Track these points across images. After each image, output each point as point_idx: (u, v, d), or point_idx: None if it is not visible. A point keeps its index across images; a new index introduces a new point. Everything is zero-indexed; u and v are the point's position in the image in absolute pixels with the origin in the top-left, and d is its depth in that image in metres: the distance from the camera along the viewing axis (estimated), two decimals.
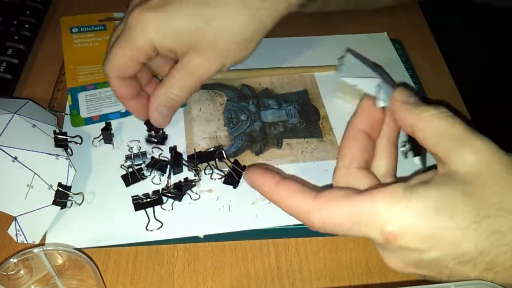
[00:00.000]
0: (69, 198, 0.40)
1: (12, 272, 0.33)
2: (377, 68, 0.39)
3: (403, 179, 0.31)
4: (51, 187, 0.39)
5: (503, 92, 0.68)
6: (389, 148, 0.35)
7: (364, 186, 0.31)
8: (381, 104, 0.35)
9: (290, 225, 0.41)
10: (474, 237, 0.26)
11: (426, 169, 0.37)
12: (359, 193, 0.28)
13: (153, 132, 0.45)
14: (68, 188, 0.40)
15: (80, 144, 0.45)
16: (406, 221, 0.26)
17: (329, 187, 0.40)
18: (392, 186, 0.28)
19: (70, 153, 0.43)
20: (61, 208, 0.39)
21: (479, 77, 0.71)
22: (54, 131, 0.42)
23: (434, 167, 0.31)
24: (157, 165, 0.43)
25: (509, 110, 0.70)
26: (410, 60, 0.57)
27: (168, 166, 0.43)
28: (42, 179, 0.38)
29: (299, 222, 0.41)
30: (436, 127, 0.29)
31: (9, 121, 0.39)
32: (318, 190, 0.31)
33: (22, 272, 0.34)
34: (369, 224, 0.27)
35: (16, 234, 0.38)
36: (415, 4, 0.65)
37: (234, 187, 0.43)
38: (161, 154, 0.45)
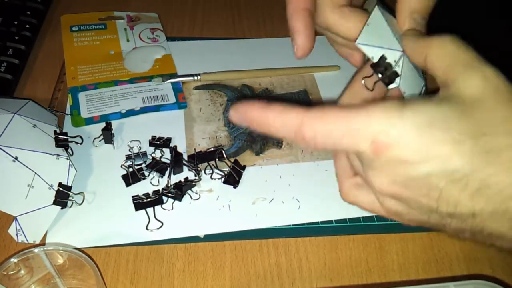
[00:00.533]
0: (70, 198, 0.40)
1: (12, 272, 0.33)
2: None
3: None
4: (52, 187, 0.39)
5: None
6: None
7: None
8: (393, 85, 0.31)
9: (290, 225, 0.41)
10: (469, 153, 0.24)
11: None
12: (353, 107, 0.26)
13: (157, 136, 0.46)
14: (69, 188, 0.40)
15: (80, 144, 0.45)
16: (398, 132, 0.25)
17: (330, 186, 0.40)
18: (387, 101, 0.26)
19: (71, 153, 0.43)
20: (62, 208, 0.40)
21: None
22: (55, 131, 0.42)
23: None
24: (157, 166, 0.43)
25: None
26: None
27: (168, 166, 0.44)
28: (43, 179, 0.39)
29: (299, 222, 0.41)
30: (447, 51, 0.27)
31: (9, 121, 0.40)
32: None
33: (22, 271, 0.34)
34: (361, 134, 0.26)
35: (17, 234, 0.38)
36: None
37: (234, 187, 0.43)
38: (162, 156, 0.45)
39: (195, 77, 0.52)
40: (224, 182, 0.43)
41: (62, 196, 0.39)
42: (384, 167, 0.26)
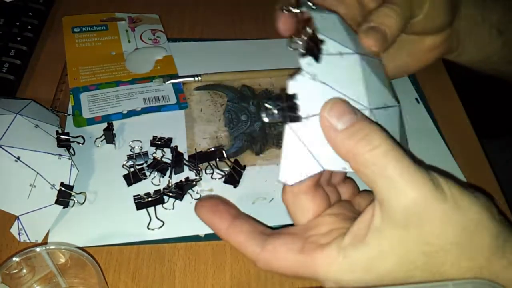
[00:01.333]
0: (72, 197, 0.40)
1: (14, 271, 0.33)
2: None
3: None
4: (54, 186, 0.39)
5: (502, 90, 0.68)
6: None
7: (310, 215, 0.32)
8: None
9: (290, 225, 0.41)
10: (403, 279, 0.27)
11: None
12: (301, 251, 0.30)
13: (158, 136, 0.46)
14: (71, 187, 0.40)
15: (82, 144, 0.45)
16: (340, 282, 0.28)
17: None
18: (327, 249, 0.29)
19: (73, 153, 0.43)
20: (64, 208, 0.40)
21: (483, 89, 0.71)
22: (57, 131, 0.42)
23: None
24: (158, 166, 0.44)
25: (508, 108, 0.70)
26: None
27: (169, 166, 0.44)
28: (45, 179, 0.39)
29: None
30: (368, 173, 0.27)
31: (12, 122, 0.40)
32: (267, 232, 0.32)
33: (24, 271, 0.34)
34: (310, 277, 0.30)
35: (19, 233, 0.38)
36: None
37: (235, 187, 0.43)
38: (163, 156, 0.45)
39: (196, 78, 0.52)
40: (225, 182, 0.43)
41: (64, 196, 0.39)
42: None
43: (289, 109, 0.29)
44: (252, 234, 0.31)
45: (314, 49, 0.30)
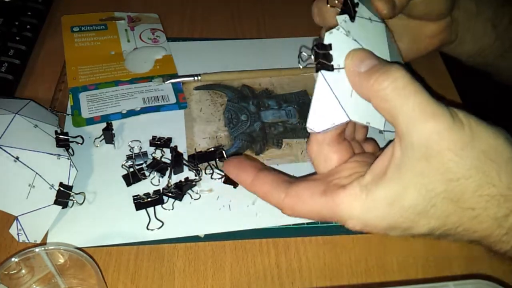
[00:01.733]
0: (71, 197, 0.40)
1: (13, 272, 0.33)
2: None
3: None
4: (53, 186, 0.39)
5: (505, 95, 0.68)
6: None
7: (333, 164, 0.33)
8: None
9: (290, 225, 0.41)
10: (425, 223, 0.28)
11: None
12: (323, 193, 0.31)
13: (157, 136, 0.46)
14: (70, 188, 0.40)
15: (81, 144, 0.45)
16: (363, 219, 0.29)
17: None
18: (350, 188, 0.30)
19: (72, 153, 0.43)
20: (63, 208, 0.40)
21: (479, 78, 0.71)
22: (56, 131, 0.42)
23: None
24: (158, 166, 0.43)
25: (509, 108, 0.70)
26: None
27: (169, 166, 0.44)
28: (44, 179, 0.39)
29: (299, 222, 0.41)
30: (389, 107, 0.28)
31: (10, 121, 0.40)
32: (290, 180, 0.33)
33: (23, 271, 0.34)
34: (333, 219, 0.31)
35: (18, 234, 0.38)
36: None
37: (235, 187, 0.43)
38: (162, 156, 0.45)
39: (196, 78, 0.52)
40: (225, 182, 0.43)
41: (63, 196, 0.39)
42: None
43: (323, 56, 0.30)
44: (276, 182, 0.33)
45: (350, 10, 0.32)
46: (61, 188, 0.39)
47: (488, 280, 0.31)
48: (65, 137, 0.42)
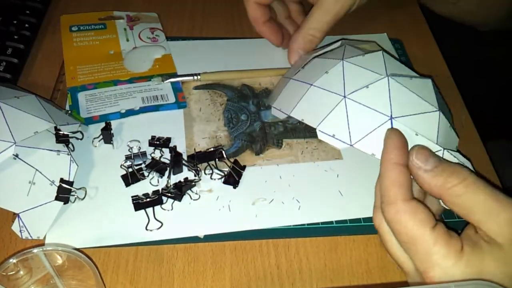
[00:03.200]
0: (72, 193, 0.40)
1: (11, 273, 0.33)
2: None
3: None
4: (53, 183, 0.39)
5: (504, 91, 0.68)
6: None
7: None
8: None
9: (290, 225, 0.41)
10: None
11: None
12: (433, 225, 0.31)
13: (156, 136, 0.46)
14: (71, 183, 0.40)
15: (81, 139, 0.44)
16: (448, 276, 0.30)
17: (328, 188, 0.40)
18: (452, 239, 0.31)
19: (72, 148, 0.43)
20: (64, 204, 0.39)
21: (479, 76, 0.71)
22: (55, 127, 0.42)
23: None
24: (157, 166, 0.43)
25: (509, 109, 0.70)
26: (410, 60, 0.57)
27: (168, 167, 0.43)
28: (44, 175, 0.38)
29: (300, 223, 0.41)
30: (462, 201, 0.31)
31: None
32: (410, 193, 0.33)
33: (21, 272, 0.34)
34: (419, 254, 0.31)
35: (20, 231, 0.38)
36: (415, 4, 0.65)
37: (234, 187, 0.43)
38: (162, 156, 0.45)
39: (195, 77, 0.52)
40: (224, 182, 0.43)
41: (64, 192, 0.39)
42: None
43: None
44: (409, 186, 0.33)
45: None
46: (62, 184, 0.39)
47: (489, 281, 0.31)
48: (65, 132, 0.42)
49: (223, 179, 0.43)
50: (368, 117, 0.37)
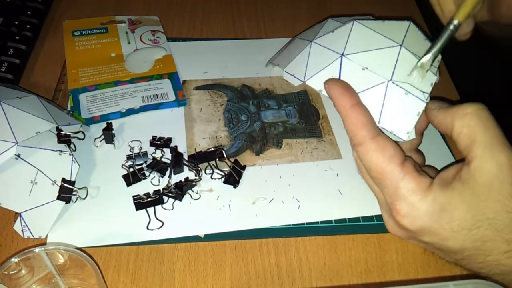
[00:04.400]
0: (74, 192, 0.40)
1: (13, 272, 0.33)
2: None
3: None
4: (55, 182, 0.39)
5: (503, 90, 0.68)
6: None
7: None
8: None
9: (290, 225, 0.41)
10: (462, 240, 0.30)
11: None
12: (401, 164, 0.32)
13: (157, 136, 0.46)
14: (72, 183, 0.40)
15: (82, 139, 0.45)
16: (414, 209, 0.31)
17: (333, 183, 0.40)
18: (421, 177, 0.31)
19: (74, 148, 0.43)
20: (66, 203, 0.40)
21: (478, 77, 0.71)
22: (57, 127, 0.42)
23: None
24: (158, 166, 0.43)
25: (508, 107, 0.70)
26: None
27: (169, 166, 0.44)
28: (46, 175, 0.39)
29: (299, 222, 0.41)
30: (469, 128, 0.31)
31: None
32: (377, 129, 0.33)
33: (23, 271, 0.34)
34: (387, 188, 0.32)
35: (22, 230, 0.38)
36: (414, 4, 0.66)
37: (234, 187, 0.43)
38: (163, 156, 0.45)
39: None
40: (224, 182, 0.43)
41: (66, 191, 0.39)
42: (395, 223, 0.33)
43: None
44: (371, 122, 0.33)
45: None
46: (64, 184, 0.39)
47: (488, 280, 0.31)
48: (66, 133, 0.42)
49: (223, 179, 0.44)
50: (323, 56, 0.37)
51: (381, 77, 0.34)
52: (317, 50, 0.38)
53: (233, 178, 0.43)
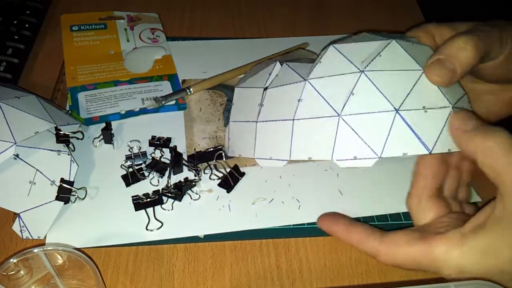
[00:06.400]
0: (72, 193, 0.40)
1: (12, 272, 0.33)
2: None
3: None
4: (54, 182, 0.39)
5: None
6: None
7: (431, 217, 0.35)
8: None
9: (290, 225, 0.41)
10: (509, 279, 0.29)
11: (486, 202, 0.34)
12: (420, 239, 0.32)
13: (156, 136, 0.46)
14: (71, 183, 0.40)
15: (81, 139, 0.44)
16: (460, 265, 0.30)
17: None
18: (448, 234, 0.31)
19: (72, 148, 0.43)
20: (65, 203, 0.40)
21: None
22: (56, 127, 0.42)
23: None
24: (157, 166, 0.43)
25: None
26: None
27: (168, 167, 0.43)
28: (44, 175, 0.39)
29: (299, 222, 0.41)
30: (495, 161, 0.30)
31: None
32: (383, 231, 0.34)
33: (22, 272, 0.34)
34: (429, 267, 0.32)
35: (21, 230, 0.38)
36: (414, 4, 0.65)
37: (228, 192, 0.43)
38: (162, 156, 0.45)
39: (188, 91, 0.50)
40: (219, 185, 0.43)
41: (64, 192, 0.39)
42: None
43: None
44: (370, 231, 0.34)
45: None
46: (62, 184, 0.39)
47: (490, 281, 0.31)
48: (65, 133, 0.42)
49: (218, 182, 0.43)
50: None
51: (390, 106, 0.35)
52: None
53: (227, 183, 0.43)
